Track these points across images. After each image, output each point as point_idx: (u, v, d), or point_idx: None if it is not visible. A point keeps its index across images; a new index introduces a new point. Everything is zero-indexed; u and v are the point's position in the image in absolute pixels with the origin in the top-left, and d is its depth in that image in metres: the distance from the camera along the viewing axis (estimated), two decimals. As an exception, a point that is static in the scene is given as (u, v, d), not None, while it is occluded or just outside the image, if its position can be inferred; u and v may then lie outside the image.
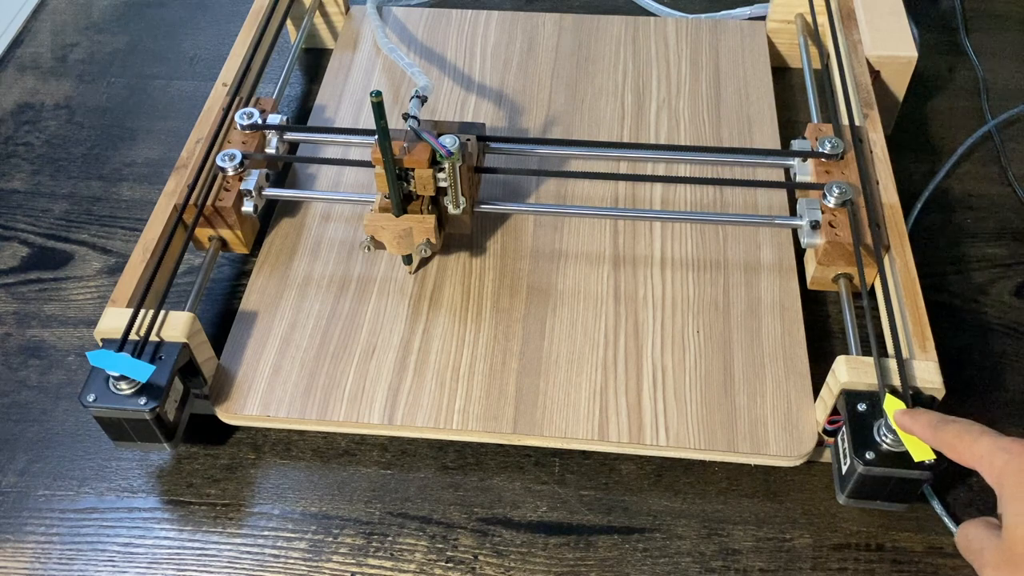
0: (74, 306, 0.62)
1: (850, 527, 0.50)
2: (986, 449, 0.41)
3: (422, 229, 0.55)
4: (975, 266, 0.63)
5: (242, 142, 0.61)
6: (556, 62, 0.73)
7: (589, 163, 0.64)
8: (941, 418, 0.44)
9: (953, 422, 0.44)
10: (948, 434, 0.43)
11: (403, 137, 0.53)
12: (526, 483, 0.53)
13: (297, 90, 0.76)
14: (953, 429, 0.43)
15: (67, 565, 0.50)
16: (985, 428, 0.42)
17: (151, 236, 0.56)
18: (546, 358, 0.55)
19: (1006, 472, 0.40)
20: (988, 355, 0.58)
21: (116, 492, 0.53)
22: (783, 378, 0.54)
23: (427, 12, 0.78)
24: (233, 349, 0.56)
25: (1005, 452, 0.40)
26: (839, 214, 0.55)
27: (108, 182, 0.70)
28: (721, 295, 0.58)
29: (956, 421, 0.44)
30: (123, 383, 0.48)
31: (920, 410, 0.46)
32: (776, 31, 0.75)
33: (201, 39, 0.82)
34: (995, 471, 0.40)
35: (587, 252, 0.60)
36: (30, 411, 0.57)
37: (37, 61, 0.81)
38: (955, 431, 0.43)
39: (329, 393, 0.54)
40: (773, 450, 0.51)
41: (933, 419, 0.45)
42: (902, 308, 0.52)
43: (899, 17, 0.68)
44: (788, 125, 0.70)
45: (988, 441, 0.41)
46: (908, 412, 0.46)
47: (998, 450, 0.40)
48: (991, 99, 0.73)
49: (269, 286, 0.59)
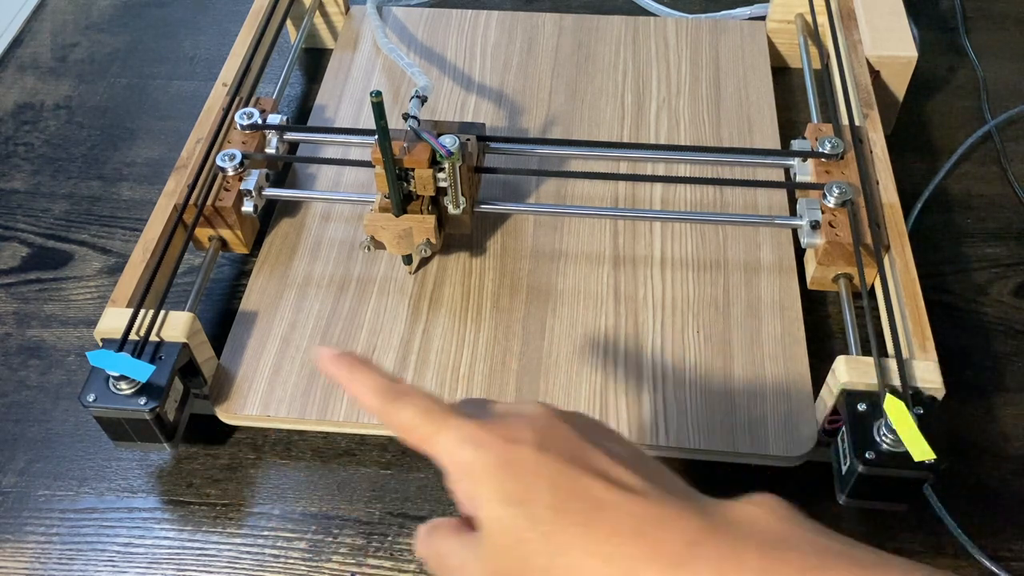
0: (74, 306, 0.62)
1: (850, 527, 0.50)
2: (450, 441, 0.35)
3: (422, 229, 0.55)
4: (975, 266, 0.63)
5: (242, 142, 0.61)
6: (556, 62, 0.73)
7: (589, 163, 0.64)
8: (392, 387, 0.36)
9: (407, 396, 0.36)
10: (403, 416, 0.35)
11: (403, 137, 0.53)
12: (526, 483, 0.52)
13: (297, 90, 0.76)
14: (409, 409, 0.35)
15: (67, 565, 0.50)
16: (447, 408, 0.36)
17: (151, 236, 0.56)
18: (546, 358, 0.55)
19: (477, 470, 0.34)
20: (988, 355, 0.58)
21: (116, 492, 0.53)
22: (783, 378, 0.54)
23: (427, 12, 0.78)
24: (233, 349, 0.56)
25: (476, 447, 0.34)
26: (839, 214, 0.55)
27: (108, 182, 0.70)
28: (721, 295, 0.58)
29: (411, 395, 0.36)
30: (123, 383, 0.48)
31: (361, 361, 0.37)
32: (776, 31, 0.75)
33: (201, 39, 0.82)
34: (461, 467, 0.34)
35: (587, 252, 0.60)
36: (30, 411, 0.57)
37: (37, 61, 0.81)
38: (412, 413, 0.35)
39: (329, 393, 0.54)
40: (773, 450, 0.51)
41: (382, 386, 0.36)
42: (902, 308, 0.52)
43: (899, 17, 0.68)
44: (788, 125, 0.70)
45: (453, 430, 0.35)
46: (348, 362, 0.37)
47: (468, 444, 0.34)
48: (991, 99, 0.73)
49: (269, 286, 0.59)
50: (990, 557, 0.49)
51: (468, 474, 0.34)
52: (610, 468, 0.34)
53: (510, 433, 0.35)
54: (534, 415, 0.36)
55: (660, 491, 0.33)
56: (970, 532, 0.49)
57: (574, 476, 0.33)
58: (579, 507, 0.32)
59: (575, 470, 0.33)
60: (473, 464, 0.34)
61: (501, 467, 0.34)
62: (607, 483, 0.33)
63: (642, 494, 0.33)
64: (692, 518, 0.32)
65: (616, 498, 0.33)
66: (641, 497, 0.33)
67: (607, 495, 0.33)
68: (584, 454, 0.34)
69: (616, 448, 0.35)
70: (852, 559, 0.31)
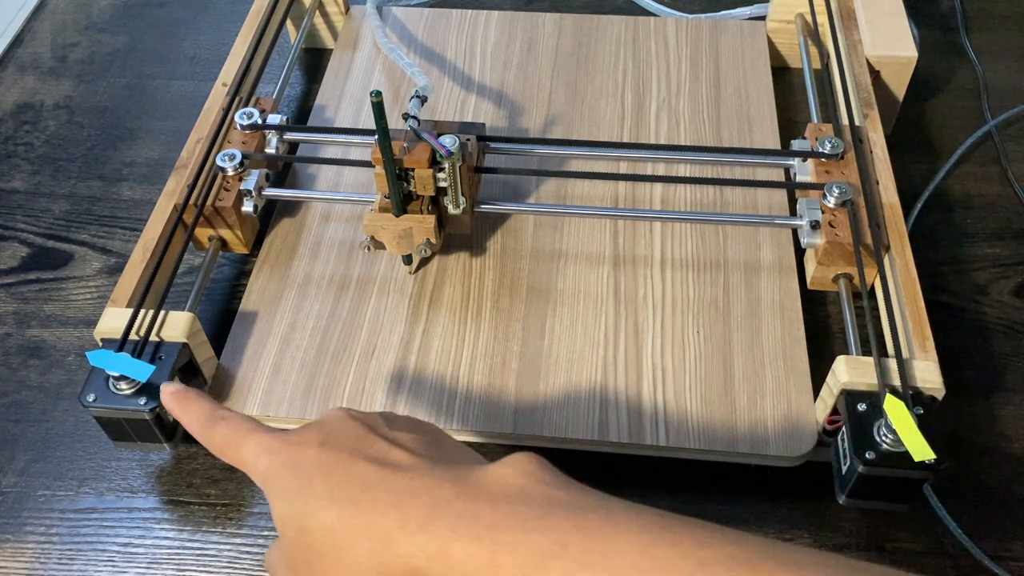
0: (74, 306, 0.62)
1: (850, 527, 0.50)
2: (251, 454, 0.38)
3: (422, 229, 0.55)
4: (975, 266, 0.63)
5: (242, 142, 0.61)
6: (556, 62, 0.73)
7: (589, 163, 0.64)
8: (213, 413, 0.41)
9: (224, 419, 0.40)
10: (217, 435, 0.40)
11: (403, 137, 0.53)
12: (526, 483, 0.52)
13: (297, 90, 0.76)
14: (223, 429, 0.40)
15: (67, 565, 0.50)
16: (255, 425, 0.40)
17: (151, 236, 0.56)
18: (546, 358, 0.55)
19: (268, 475, 0.37)
20: (988, 355, 0.58)
21: (116, 492, 0.53)
22: (783, 378, 0.54)
23: (427, 12, 0.78)
24: (233, 349, 0.56)
25: (267, 454, 0.38)
26: (839, 214, 0.55)
27: (108, 182, 0.70)
28: (721, 295, 0.58)
29: (228, 418, 0.40)
30: (123, 383, 0.48)
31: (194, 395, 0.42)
32: (776, 31, 0.75)
33: (201, 39, 0.82)
34: (260, 475, 0.38)
35: (587, 252, 0.60)
36: (30, 411, 0.57)
37: (37, 61, 0.81)
38: (224, 432, 0.40)
39: (329, 393, 0.54)
40: (773, 450, 0.51)
41: (204, 413, 0.41)
42: (902, 308, 0.52)
43: (899, 17, 0.68)
44: (788, 125, 0.70)
45: (254, 442, 0.38)
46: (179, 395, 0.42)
47: (263, 452, 0.38)
48: (991, 99, 0.73)
49: (269, 286, 0.59)
50: (990, 557, 0.49)
51: (263, 480, 0.38)
52: (388, 453, 0.37)
53: (298, 438, 0.38)
54: (326, 419, 0.40)
55: (427, 466, 0.36)
56: (970, 532, 0.49)
57: (348, 464, 0.36)
58: (348, 490, 0.36)
59: (351, 459, 0.37)
60: (267, 471, 0.38)
61: (286, 468, 0.37)
62: (380, 466, 0.36)
63: (409, 470, 0.36)
64: (443, 486, 0.35)
65: (382, 477, 0.36)
66: (405, 473, 0.36)
67: (375, 476, 0.36)
68: (363, 444, 0.38)
69: (403, 436, 0.38)
70: (575, 507, 0.34)
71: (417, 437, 0.39)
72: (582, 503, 0.34)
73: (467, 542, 0.33)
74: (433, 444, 0.39)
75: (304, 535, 0.36)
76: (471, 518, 0.34)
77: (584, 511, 0.34)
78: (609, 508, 0.34)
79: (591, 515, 0.33)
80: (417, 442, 0.38)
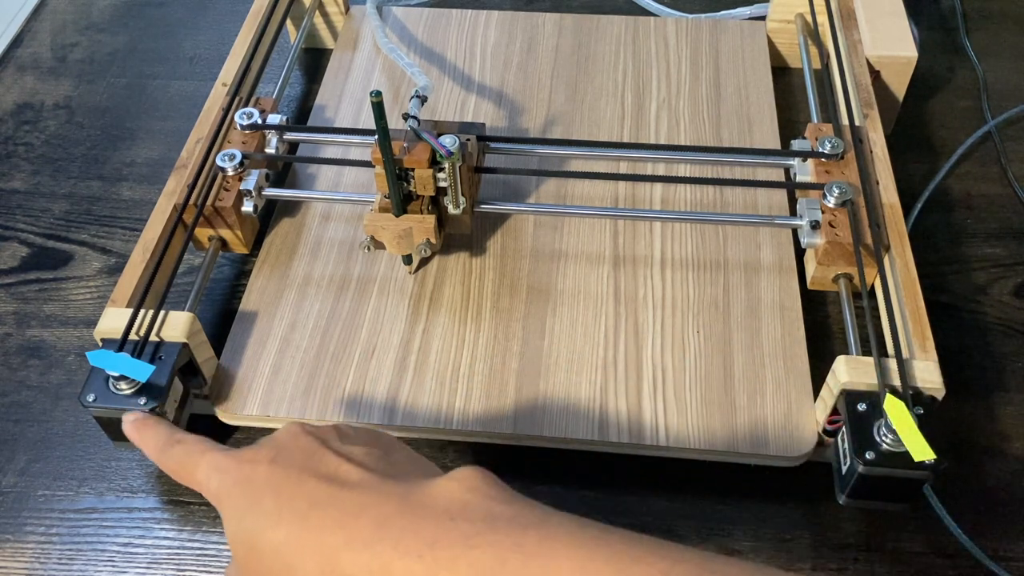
0: (74, 306, 0.62)
1: (850, 527, 0.50)
2: (203, 474, 0.39)
3: (422, 229, 0.55)
4: (975, 266, 0.63)
5: (242, 142, 0.61)
6: (556, 62, 0.73)
7: (589, 163, 0.64)
8: (169, 436, 0.42)
9: (179, 443, 0.41)
10: (172, 459, 0.41)
11: (403, 137, 0.53)
12: (526, 483, 0.52)
13: (297, 90, 0.76)
14: (177, 453, 0.41)
15: (67, 565, 0.50)
16: (210, 446, 0.40)
17: (151, 236, 0.56)
18: (546, 358, 0.55)
19: (220, 494, 0.38)
20: (988, 355, 0.58)
21: (116, 492, 0.53)
22: (783, 378, 0.54)
23: (427, 12, 0.78)
24: (233, 349, 0.56)
25: (218, 472, 0.38)
26: (839, 214, 0.55)
27: (108, 182, 0.70)
28: (721, 295, 0.58)
29: (183, 441, 0.41)
30: (123, 383, 0.48)
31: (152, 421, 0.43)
32: (776, 31, 0.75)
33: (201, 39, 0.82)
34: (213, 494, 0.38)
35: (587, 252, 0.60)
36: (30, 411, 0.57)
37: (37, 61, 0.81)
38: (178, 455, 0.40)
39: (329, 393, 0.54)
40: (773, 450, 0.51)
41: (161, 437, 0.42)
42: (902, 308, 0.52)
43: (899, 17, 0.68)
44: (788, 125, 0.70)
45: (206, 463, 0.39)
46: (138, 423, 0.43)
47: (214, 471, 0.38)
48: (991, 99, 0.73)
49: (269, 286, 0.59)
50: (990, 557, 0.49)
51: (216, 499, 0.38)
52: (338, 468, 0.37)
53: (250, 455, 0.38)
54: (279, 435, 0.39)
55: (376, 481, 0.36)
56: (970, 532, 0.49)
57: (298, 480, 0.36)
58: (297, 507, 0.36)
59: (300, 475, 0.36)
60: (219, 490, 0.38)
61: (236, 486, 0.37)
62: (328, 483, 0.36)
63: (357, 487, 0.36)
64: (389, 503, 0.35)
65: (331, 494, 0.36)
66: (353, 490, 0.36)
67: (324, 493, 0.36)
68: (314, 460, 0.37)
69: (356, 451, 0.38)
70: (515, 520, 0.34)
71: (369, 451, 0.38)
72: (523, 518, 0.34)
73: (409, 559, 0.33)
74: (384, 457, 0.38)
75: (254, 552, 0.36)
76: (414, 535, 0.34)
77: (524, 527, 0.33)
78: (550, 523, 0.34)
79: (531, 531, 0.33)
80: (369, 456, 0.38)
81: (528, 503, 0.35)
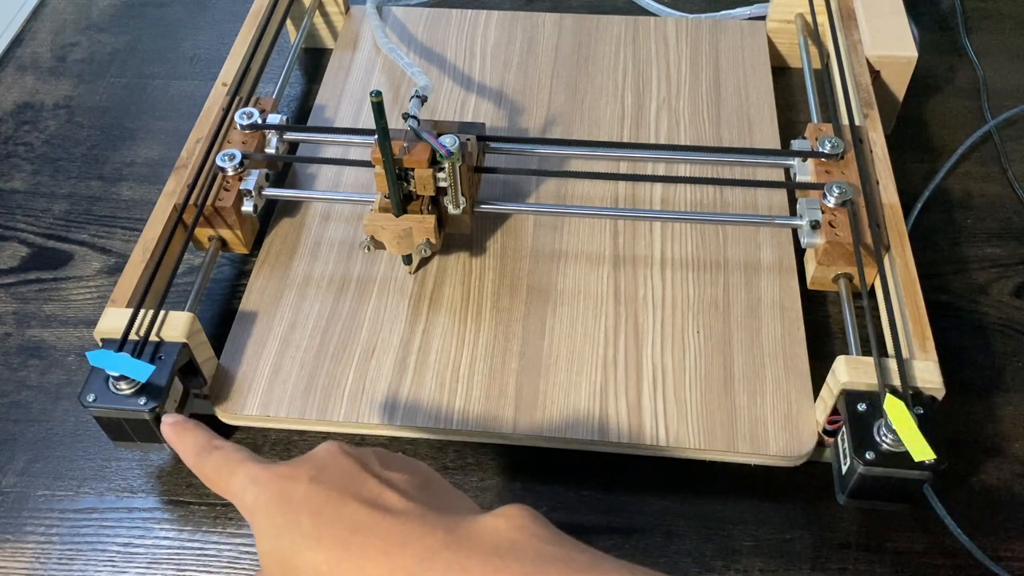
0: (74, 306, 0.62)
1: (850, 527, 0.50)
2: (239, 484, 0.38)
3: (422, 229, 0.55)
4: (975, 266, 0.63)
5: (242, 142, 0.61)
6: (556, 62, 0.73)
7: (589, 163, 0.64)
8: (208, 442, 0.41)
9: (217, 450, 0.40)
10: (208, 466, 0.40)
11: (403, 137, 0.53)
12: (526, 483, 0.53)
13: (297, 90, 0.76)
14: (214, 460, 0.39)
15: (67, 565, 0.50)
16: (248, 456, 0.39)
17: (151, 236, 0.56)
18: (546, 358, 0.55)
19: (256, 508, 0.37)
20: (988, 355, 0.58)
21: (116, 492, 0.53)
22: (783, 378, 0.54)
23: (427, 12, 0.78)
24: (233, 349, 0.56)
25: (255, 485, 0.37)
26: (839, 214, 0.55)
27: (108, 182, 0.70)
28: (721, 295, 0.58)
29: (221, 448, 0.40)
30: (123, 383, 0.48)
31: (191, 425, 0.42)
32: (776, 31, 0.75)
33: (201, 39, 0.82)
34: (247, 507, 0.37)
35: (587, 252, 0.60)
36: (30, 411, 0.57)
37: (37, 61, 0.81)
38: (215, 462, 0.39)
39: (329, 393, 0.54)
40: (773, 450, 0.51)
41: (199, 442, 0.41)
42: (902, 308, 0.52)
43: (899, 17, 0.68)
44: (788, 125, 0.70)
45: (243, 473, 0.38)
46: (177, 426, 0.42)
47: (250, 483, 0.37)
48: (991, 99, 0.73)
49: (269, 286, 0.59)
50: (990, 557, 0.49)
51: (250, 513, 0.37)
52: (380, 494, 0.36)
53: (288, 471, 0.37)
54: (318, 453, 0.39)
55: (420, 511, 0.35)
56: (970, 532, 0.49)
57: (340, 503, 0.35)
58: (337, 531, 0.35)
59: (342, 498, 0.36)
60: (254, 503, 0.37)
61: (273, 502, 0.36)
62: (371, 508, 0.35)
63: (401, 515, 0.35)
64: (434, 535, 0.34)
65: (374, 521, 0.35)
66: (397, 518, 0.35)
67: (366, 518, 0.35)
68: (356, 483, 0.36)
69: (396, 477, 0.37)
70: (566, 562, 0.33)
71: (410, 479, 0.37)
72: (575, 562, 0.33)
73: None
74: (425, 487, 0.38)
75: (291, 573, 0.35)
76: (460, 570, 0.33)
77: (576, 571, 0.33)
78: (602, 568, 0.33)
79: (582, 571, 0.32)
80: (410, 484, 0.37)
81: (577, 545, 0.34)
